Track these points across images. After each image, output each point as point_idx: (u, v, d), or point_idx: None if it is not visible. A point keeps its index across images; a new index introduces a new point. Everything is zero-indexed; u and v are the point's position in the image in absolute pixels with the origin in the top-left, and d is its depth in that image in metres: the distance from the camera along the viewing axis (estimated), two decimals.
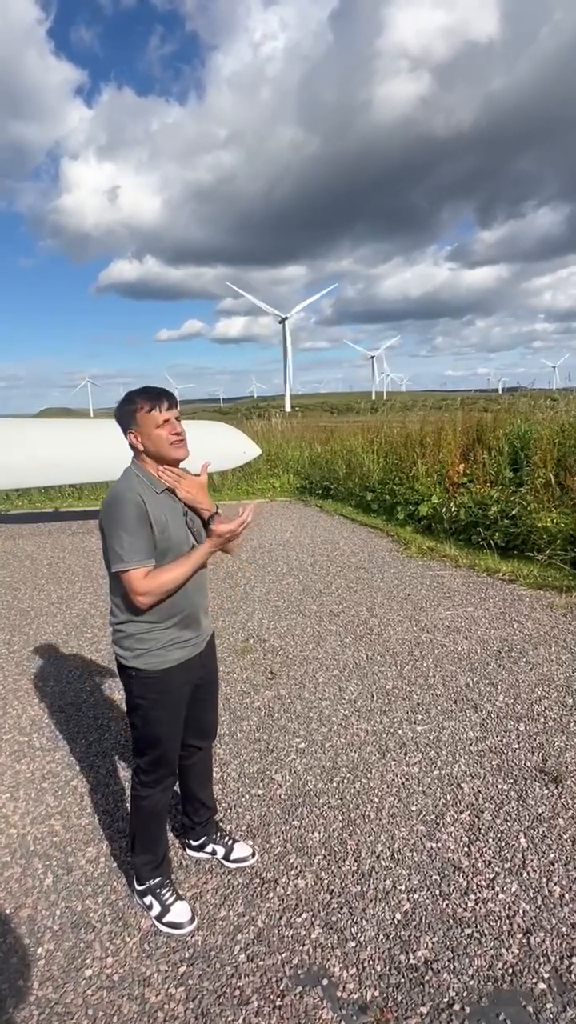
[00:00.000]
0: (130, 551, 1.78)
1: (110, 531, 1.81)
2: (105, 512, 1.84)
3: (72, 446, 7.96)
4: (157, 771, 2.05)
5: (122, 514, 1.79)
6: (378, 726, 3.22)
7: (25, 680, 3.95)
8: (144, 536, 1.80)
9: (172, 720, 2.02)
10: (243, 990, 1.81)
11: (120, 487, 1.84)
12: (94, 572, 6.39)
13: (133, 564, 1.79)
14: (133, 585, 1.80)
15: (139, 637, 1.92)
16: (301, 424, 17.84)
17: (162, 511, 1.86)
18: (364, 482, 9.64)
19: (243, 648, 4.29)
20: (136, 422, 1.88)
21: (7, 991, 1.84)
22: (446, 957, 1.89)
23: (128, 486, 1.84)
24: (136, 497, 1.81)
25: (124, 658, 1.96)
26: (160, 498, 1.88)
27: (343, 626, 4.66)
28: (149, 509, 1.82)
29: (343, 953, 1.92)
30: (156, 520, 1.82)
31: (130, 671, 1.96)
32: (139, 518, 1.79)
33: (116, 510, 1.80)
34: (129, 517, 1.78)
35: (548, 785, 2.68)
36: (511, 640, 4.24)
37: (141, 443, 1.89)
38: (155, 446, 1.88)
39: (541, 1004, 1.74)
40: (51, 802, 2.71)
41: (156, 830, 2.10)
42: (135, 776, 2.10)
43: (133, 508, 1.79)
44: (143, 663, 1.93)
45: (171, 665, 1.95)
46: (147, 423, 1.87)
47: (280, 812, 2.58)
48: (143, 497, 1.82)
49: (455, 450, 8.60)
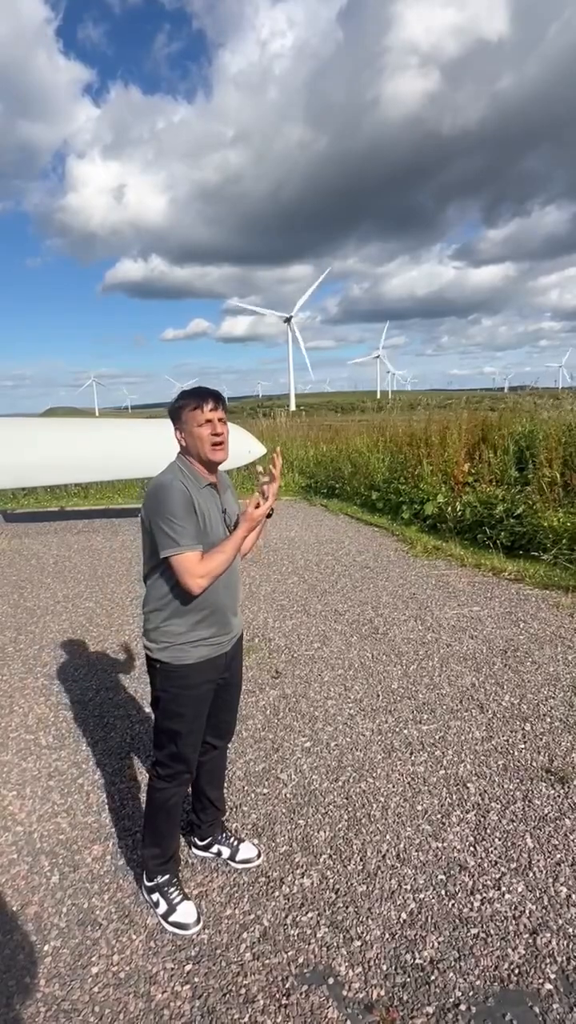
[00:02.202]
0: (183, 535, 1.81)
1: (159, 517, 1.82)
2: (152, 500, 1.86)
3: (78, 445, 7.98)
4: (174, 766, 2.05)
5: (171, 501, 1.81)
6: (384, 725, 3.22)
7: (31, 678, 3.96)
8: (193, 523, 1.84)
9: (192, 717, 2.02)
10: (249, 988, 1.81)
11: (166, 477, 1.88)
12: (100, 571, 6.41)
13: (187, 548, 1.81)
14: (189, 567, 1.81)
15: (164, 630, 1.95)
16: (306, 423, 17.83)
17: (205, 503, 1.90)
18: (369, 481, 9.63)
19: (248, 647, 4.29)
20: (181, 419, 1.92)
21: (14, 988, 1.85)
22: (452, 957, 1.89)
23: (174, 476, 1.88)
24: (182, 486, 1.85)
25: (151, 649, 1.99)
26: (203, 493, 1.91)
27: (348, 625, 4.65)
28: (195, 499, 1.86)
29: (349, 952, 1.92)
30: (200, 511, 1.87)
31: (155, 662, 1.99)
32: (187, 505, 1.83)
33: (165, 497, 1.82)
34: (177, 503, 1.81)
35: (554, 785, 2.67)
36: (517, 640, 4.22)
37: (184, 439, 1.93)
38: (195, 444, 1.90)
39: (547, 1005, 1.73)
40: (57, 800, 2.72)
41: (164, 825, 2.10)
42: (152, 768, 2.13)
43: (180, 496, 1.83)
44: (167, 656, 1.95)
45: (194, 661, 1.96)
46: (190, 421, 1.90)
47: (286, 811, 2.58)
48: (188, 487, 1.86)
49: (460, 449, 8.58)
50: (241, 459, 9.32)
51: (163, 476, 1.89)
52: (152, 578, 1.97)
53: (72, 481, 10.16)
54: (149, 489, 1.90)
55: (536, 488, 6.89)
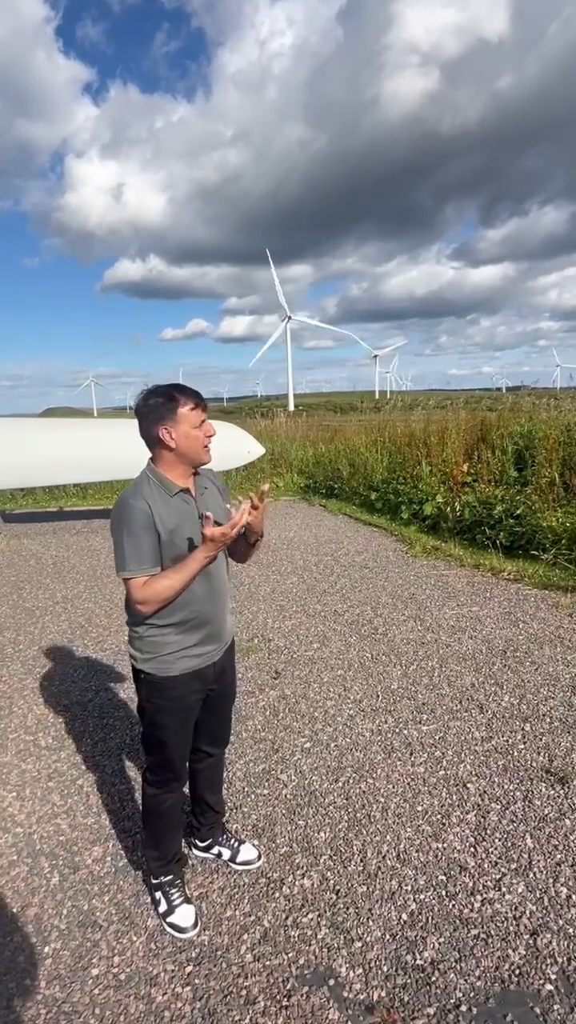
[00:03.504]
0: (131, 558, 1.78)
1: (115, 537, 1.81)
2: (112, 518, 1.83)
3: (76, 445, 7.97)
4: (162, 774, 2.04)
5: (126, 520, 1.77)
6: (383, 726, 3.22)
7: (31, 679, 3.96)
8: (148, 543, 1.78)
9: (178, 727, 2.00)
10: (249, 990, 1.81)
11: (127, 494, 1.82)
12: (99, 571, 6.41)
13: (134, 572, 1.78)
14: (131, 593, 1.80)
15: (148, 641, 1.91)
16: (305, 423, 17.83)
17: (172, 516, 1.83)
18: (368, 481, 9.63)
19: (248, 648, 4.29)
20: (175, 417, 1.80)
21: (15, 990, 1.84)
22: (453, 958, 1.89)
23: (137, 492, 1.81)
24: (143, 504, 1.79)
25: (135, 659, 1.95)
26: (173, 501, 1.85)
27: (348, 626, 4.65)
28: (156, 515, 1.79)
29: (349, 953, 1.92)
30: (164, 526, 1.80)
31: (140, 673, 1.96)
32: (144, 525, 1.78)
33: (121, 516, 1.79)
34: (133, 524, 1.77)
35: (554, 785, 2.67)
36: (516, 640, 4.23)
37: (173, 439, 1.81)
38: (190, 445, 1.83)
39: (548, 1005, 1.73)
40: (57, 801, 2.72)
41: (160, 829, 2.10)
42: (144, 773, 2.11)
43: (139, 515, 1.78)
44: (151, 667, 1.92)
45: (178, 673, 1.92)
46: (187, 421, 1.81)
47: (286, 812, 2.58)
48: (151, 503, 1.80)
49: (459, 449, 8.58)
50: (240, 459, 9.32)
51: (126, 493, 1.83)
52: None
53: (71, 481, 10.15)
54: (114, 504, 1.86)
55: (535, 488, 6.89)
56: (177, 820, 2.15)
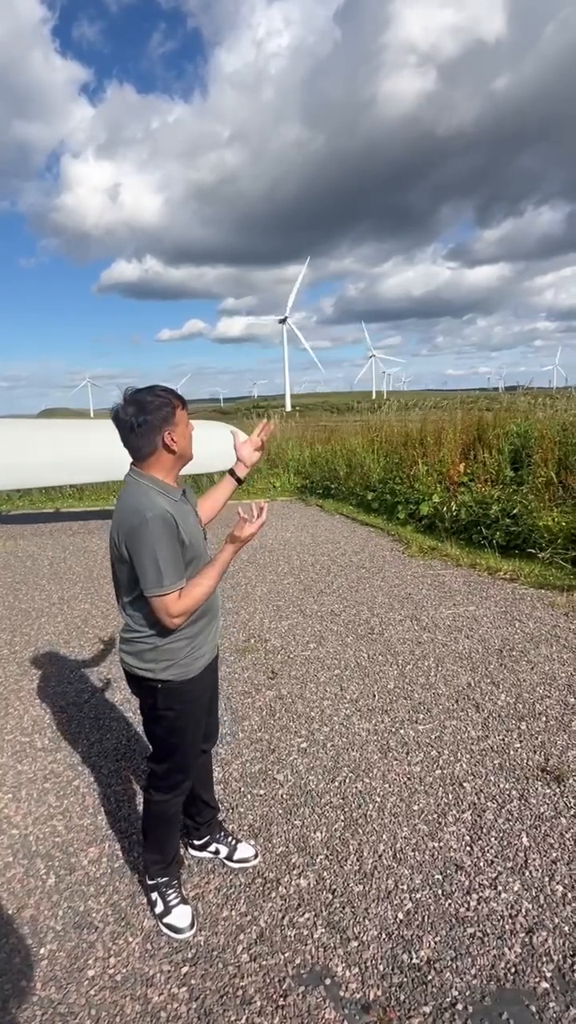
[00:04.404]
0: (167, 575, 1.69)
1: (141, 552, 1.68)
2: (133, 534, 1.69)
3: (73, 446, 7.96)
4: (174, 777, 2.02)
5: (156, 536, 1.67)
6: (380, 725, 3.22)
7: (27, 680, 3.95)
8: (178, 556, 1.73)
9: (196, 728, 2.00)
10: (246, 990, 1.81)
11: (143, 504, 1.70)
12: (95, 572, 6.39)
13: (170, 588, 1.70)
14: (169, 609, 1.71)
15: (165, 650, 1.84)
16: (301, 423, 17.83)
17: (185, 520, 1.79)
18: (365, 481, 9.63)
19: (244, 648, 4.29)
20: (175, 420, 1.77)
21: (10, 992, 1.84)
22: (449, 956, 1.89)
23: (152, 503, 1.71)
24: (166, 515, 1.70)
25: (149, 671, 1.85)
26: (179, 505, 1.81)
27: (344, 626, 4.66)
28: (179, 524, 1.73)
29: (345, 953, 1.92)
30: (186, 533, 1.76)
31: (154, 683, 1.87)
32: (172, 537, 1.70)
33: (148, 531, 1.67)
34: (162, 538, 1.68)
35: (550, 784, 2.68)
36: (512, 639, 4.23)
37: (175, 441, 1.78)
38: (187, 445, 1.83)
39: (544, 1003, 1.74)
40: (53, 802, 2.71)
41: (164, 834, 2.09)
42: (148, 780, 2.08)
43: (165, 528, 1.69)
44: (171, 675, 1.86)
45: (197, 673, 1.91)
46: (182, 420, 1.80)
47: (282, 812, 2.58)
48: (172, 513, 1.73)
49: (456, 449, 8.60)
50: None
51: (140, 503, 1.71)
52: (138, 604, 1.82)
53: (68, 482, 10.12)
54: (126, 518, 1.72)
55: (532, 488, 6.91)
56: (179, 822, 2.15)
